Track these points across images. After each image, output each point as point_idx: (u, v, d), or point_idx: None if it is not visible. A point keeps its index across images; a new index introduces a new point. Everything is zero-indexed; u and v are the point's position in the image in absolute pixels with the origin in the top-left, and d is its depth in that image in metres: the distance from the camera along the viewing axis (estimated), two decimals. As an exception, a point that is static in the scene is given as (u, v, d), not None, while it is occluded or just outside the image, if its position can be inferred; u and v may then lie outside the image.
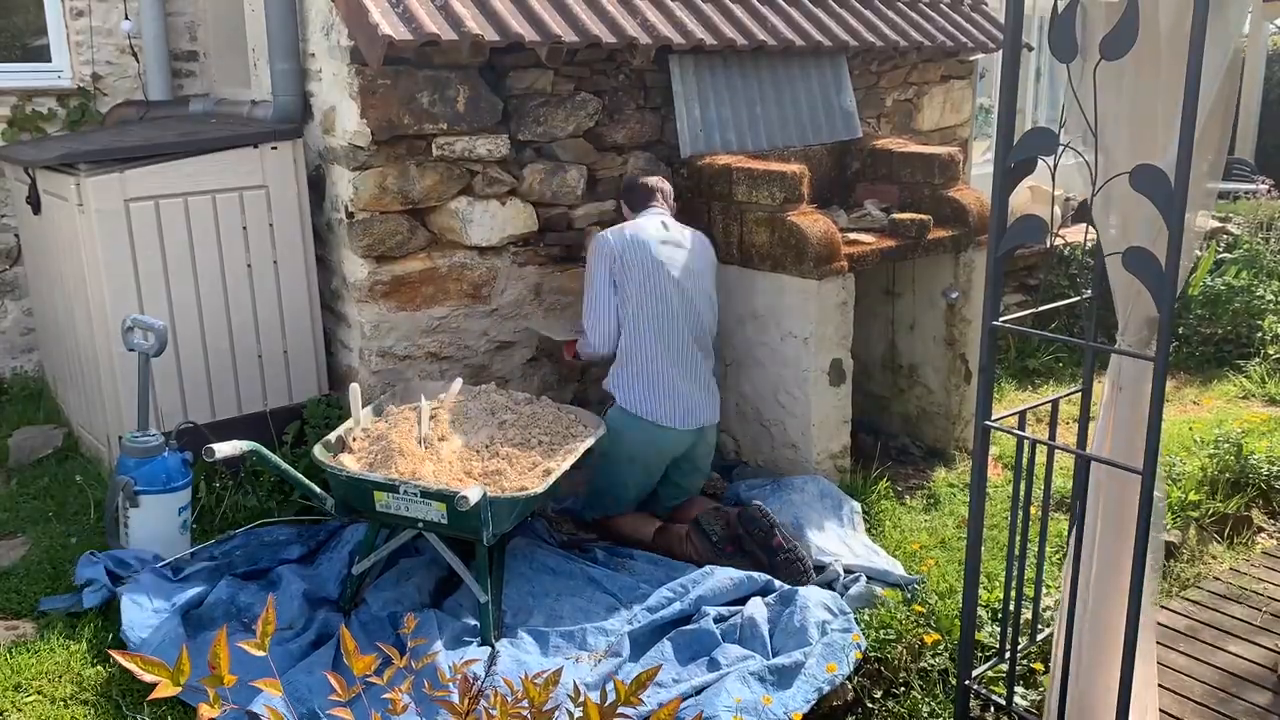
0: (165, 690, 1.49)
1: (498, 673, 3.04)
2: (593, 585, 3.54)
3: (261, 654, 1.64)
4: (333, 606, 3.39)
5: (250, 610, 3.31)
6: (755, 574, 3.48)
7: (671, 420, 3.79)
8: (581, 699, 1.71)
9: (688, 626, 3.26)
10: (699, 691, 2.97)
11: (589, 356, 4.03)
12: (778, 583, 3.46)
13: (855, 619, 3.28)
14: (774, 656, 3.13)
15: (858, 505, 4.02)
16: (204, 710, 1.50)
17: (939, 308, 4.75)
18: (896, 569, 3.64)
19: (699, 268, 3.96)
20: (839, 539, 3.80)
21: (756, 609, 3.32)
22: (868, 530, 3.98)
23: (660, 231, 3.94)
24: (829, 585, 3.52)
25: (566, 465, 3.39)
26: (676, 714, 1.70)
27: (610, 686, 1.74)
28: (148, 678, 1.48)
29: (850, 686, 3.06)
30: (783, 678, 3.01)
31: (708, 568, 3.52)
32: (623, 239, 3.87)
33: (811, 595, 3.32)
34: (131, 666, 1.49)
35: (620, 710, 1.67)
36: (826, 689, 2.98)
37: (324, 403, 4.34)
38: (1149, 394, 2.33)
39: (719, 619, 3.27)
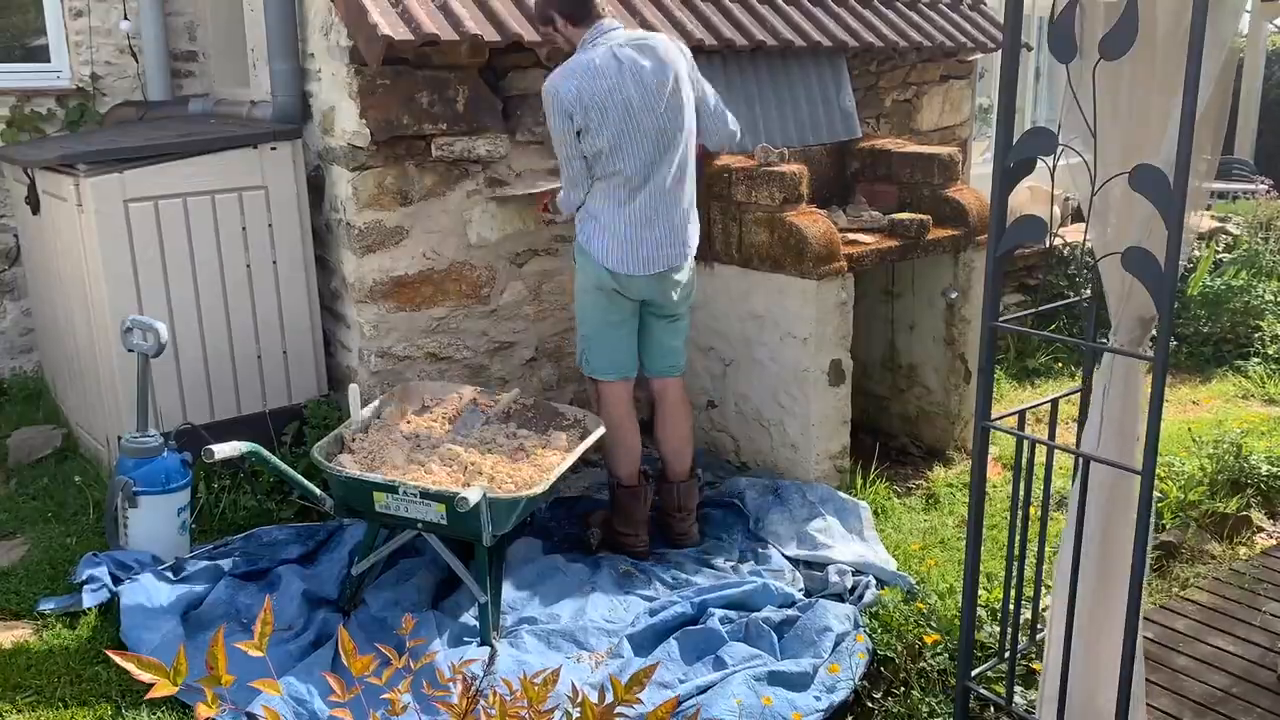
0: (162, 690, 1.49)
1: (497, 672, 3.04)
2: (595, 586, 3.54)
3: (259, 654, 1.64)
4: (332, 607, 3.39)
5: (250, 610, 3.31)
6: (772, 584, 3.47)
7: (633, 269, 3.61)
8: (580, 699, 1.71)
9: (694, 626, 3.26)
10: (703, 691, 2.97)
11: (567, 214, 3.79)
12: (798, 595, 3.46)
13: (862, 623, 3.29)
14: (782, 659, 3.13)
15: (867, 512, 4.01)
16: (201, 710, 1.50)
17: (938, 308, 4.76)
18: (891, 564, 3.66)
19: (671, 89, 3.58)
20: (850, 548, 3.80)
21: (767, 611, 3.33)
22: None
23: (617, 70, 3.49)
24: (838, 597, 3.52)
25: (566, 465, 3.39)
26: (674, 712, 1.70)
27: (607, 685, 1.74)
28: (145, 677, 1.48)
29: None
30: (791, 682, 3.01)
31: (724, 578, 3.56)
32: (576, 93, 3.46)
33: (831, 608, 3.32)
34: (129, 665, 1.49)
35: (618, 710, 1.67)
36: (837, 700, 2.98)
37: (324, 403, 4.34)
38: (1138, 392, 2.34)
39: (725, 620, 3.27)
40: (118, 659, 1.52)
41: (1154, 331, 2.31)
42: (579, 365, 3.89)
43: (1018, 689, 2.86)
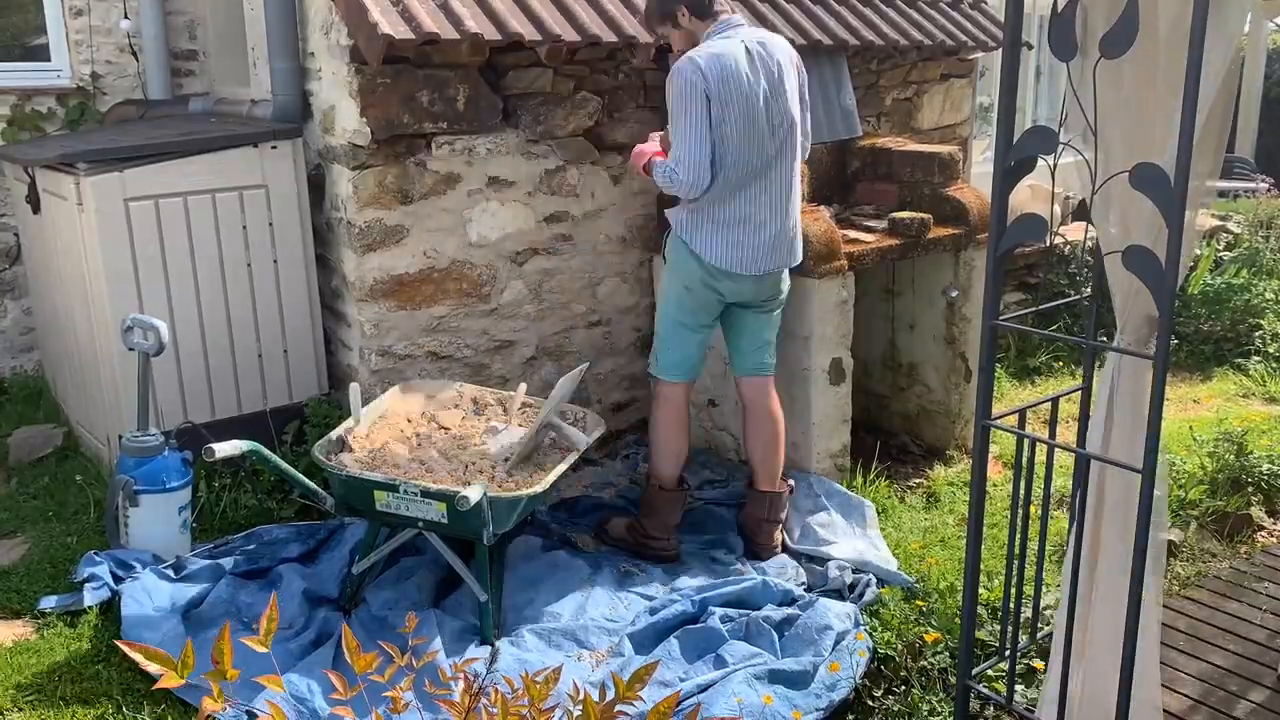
0: (170, 681, 1.49)
1: (499, 671, 3.05)
2: (596, 583, 3.54)
3: (264, 651, 1.64)
4: (333, 606, 3.39)
5: (251, 609, 3.31)
6: (772, 581, 3.47)
7: (741, 268, 3.56)
8: (581, 697, 1.71)
9: (694, 625, 3.27)
10: (704, 689, 2.97)
11: (667, 189, 3.56)
12: (797, 592, 3.47)
13: (863, 622, 3.30)
14: (783, 657, 3.13)
15: (871, 511, 4.02)
16: (207, 704, 1.50)
17: (939, 306, 4.76)
18: (893, 564, 3.66)
19: (792, 95, 3.61)
20: (852, 545, 3.80)
21: (767, 609, 3.33)
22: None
23: (749, 64, 3.48)
24: (839, 593, 3.52)
25: (567, 464, 3.39)
26: (675, 708, 1.70)
27: (609, 683, 1.74)
28: (153, 668, 1.48)
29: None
30: (792, 681, 3.02)
31: (720, 578, 3.56)
32: (713, 76, 3.41)
33: (832, 606, 3.32)
34: (137, 656, 1.49)
35: (619, 708, 1.67)
36: (838, 698, 2.99)
37: (324, 402, 4.34)
38: (1145, 391, 2.34)
39: (725, 618, 3.28)
40: (128, 649, 1.52)
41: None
42: (650, 367, 3.83)
43: (1018, 687, 2.86)
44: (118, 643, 1.65)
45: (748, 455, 3.92)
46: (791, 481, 3.97)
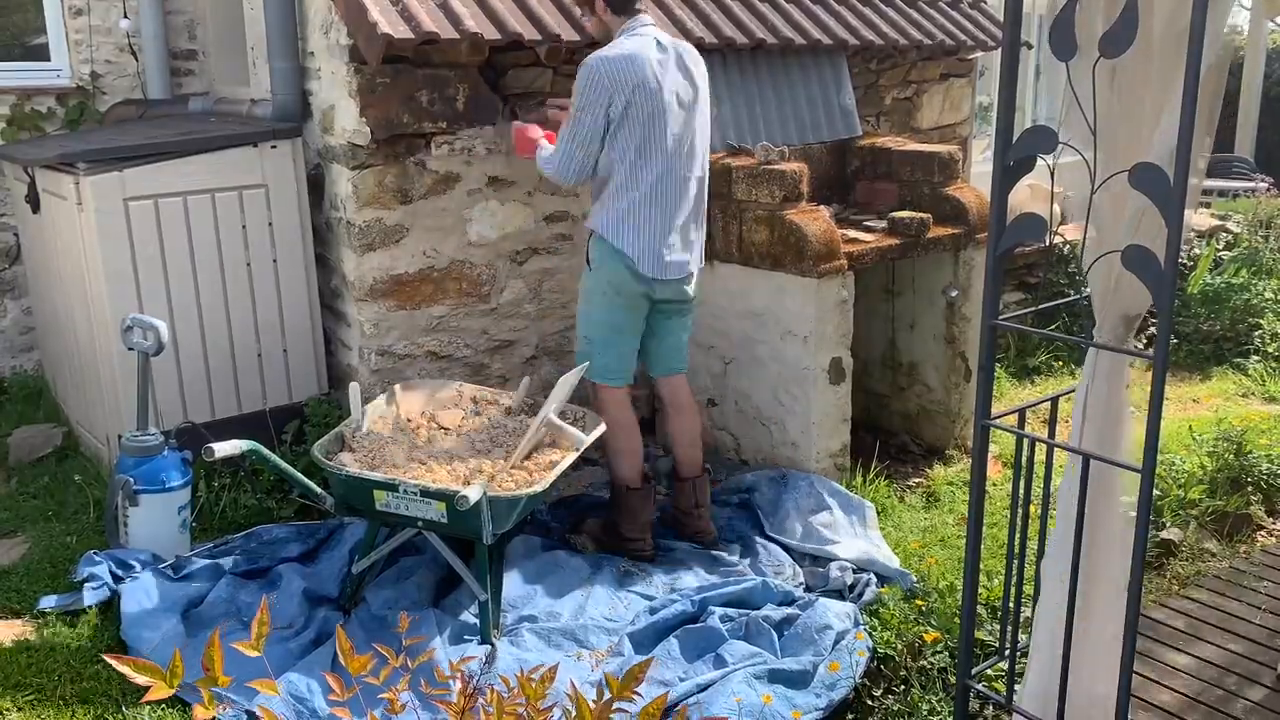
0: (159, 693, 1.49)
1: (497, 670, 3.04)
2: (595, 583, 3.54)
3: (256, 655, 1.64)
4: (333, 605, 3.39)
5: (250, 609, 3.31)
6: (772, 581, 3.48)
7: (653, 270, 3.57)
8: (575, 698, 1.71)
9: (694, 625, 3.27)
10: (704, 689, 2.97)
11: (544, 172, 3.67)
12: (797, 593, 3.47)
13: (863, 621, 3.30)
14: (783, 657, 3.13)
15: (871, 511, 4.02)
16: (199, 712, 1.50)
17: (939, 306, 4.75)
18: (894, 562, 3.66)
19: (701, 99, 3.66)
20: (855, 544, 3.81)
21: (767, 609, 3.33)
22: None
23: (659, 62, 3.50)
24: (839, 593, 3.52)
25: (567, 463, 3.39)
26: (665, 708, 1.70)
27: (604, 682, 1.74)
28: (141, 680, 1.48)
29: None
30: (791, 680, 3.02)
31: (721, 577, 3.56)
32: (623, 77, 3.41)
33: (832, 606, 3.32)
34: (125, 669, 1.49)
35: (617, 706, 1.67)
36: (838, 698, 2.99)
37: (324, 402, 4.34)
38: (1124, 389, 2.34)
39: (725, 618, 3.28)
40: (113, 662, 1.52)
41: (1141, 328, 2.32)
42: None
43: (1017, 687, 2.86)
44: (106, 656, 1.65)
45: (672, 448, 3.97)
46: (708, 465, 4.03)
